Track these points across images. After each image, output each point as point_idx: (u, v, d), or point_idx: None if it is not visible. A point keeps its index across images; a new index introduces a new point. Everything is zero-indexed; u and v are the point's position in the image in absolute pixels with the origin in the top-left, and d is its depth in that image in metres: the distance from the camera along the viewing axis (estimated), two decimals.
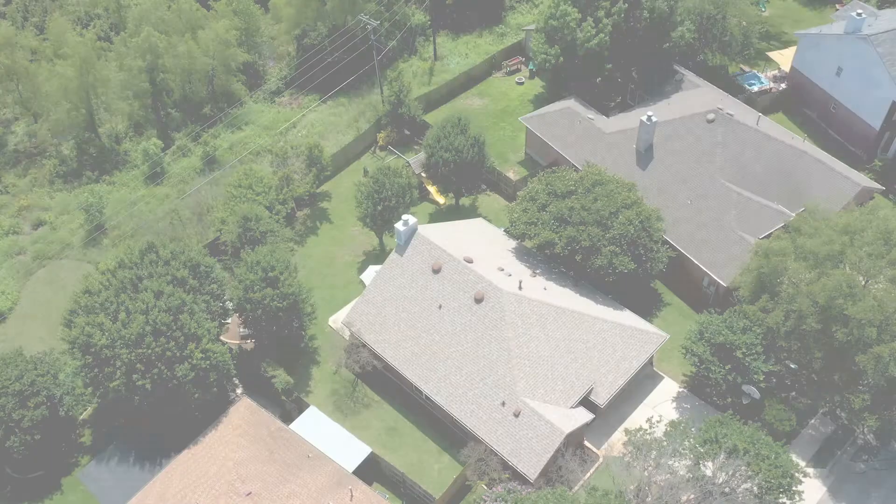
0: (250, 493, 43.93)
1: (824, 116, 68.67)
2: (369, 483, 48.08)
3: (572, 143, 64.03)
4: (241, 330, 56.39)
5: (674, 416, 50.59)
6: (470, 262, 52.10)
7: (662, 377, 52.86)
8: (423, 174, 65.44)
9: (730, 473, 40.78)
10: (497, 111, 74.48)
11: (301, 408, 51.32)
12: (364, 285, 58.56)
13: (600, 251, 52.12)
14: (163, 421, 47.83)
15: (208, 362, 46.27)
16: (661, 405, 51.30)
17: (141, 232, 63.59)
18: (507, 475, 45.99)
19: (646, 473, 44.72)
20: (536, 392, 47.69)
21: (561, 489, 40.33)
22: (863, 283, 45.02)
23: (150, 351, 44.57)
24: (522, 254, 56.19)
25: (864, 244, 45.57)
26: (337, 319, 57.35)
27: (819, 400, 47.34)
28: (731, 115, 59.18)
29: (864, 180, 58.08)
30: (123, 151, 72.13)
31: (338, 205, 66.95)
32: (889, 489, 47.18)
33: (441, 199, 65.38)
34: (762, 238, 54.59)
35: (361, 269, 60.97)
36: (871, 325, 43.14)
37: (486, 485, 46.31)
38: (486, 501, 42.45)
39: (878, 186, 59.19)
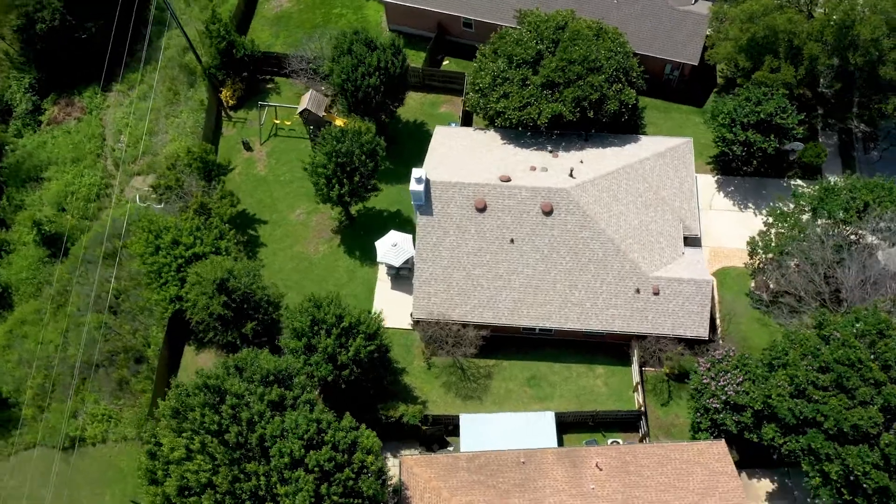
0: None
1: None
2: (560, 441, 45.01)
3: None
4: None
5: (729, 204, 52.19)
6: (507, 180, 46.02)
7: (695, 176, 53.24)
8: (325, 113, 54.26)
9: (876, 224, 43.62)
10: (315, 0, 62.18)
11: (446, 424, 44.90)
12: (383, 265, 49.88)
13: (607, 96, 48.51)
14: None
15: (381, 460, 37.72)
16: (715, 199, 52.38)
17: (60, 376, 47.03)
18: (682, 346, 45.36)
19: (772, 266, 46.73)
20: (654, 261, 45.94)
21: (804, 333, 40.08)
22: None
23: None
24: (517, 139, 50.58)
25: None
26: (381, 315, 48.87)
27: (843, 120, 51.08)
28: None
29: None
30: None
31: (250, 197, 54.01)
32: None
33: None
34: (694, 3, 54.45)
35: (349, 252, 51.37)
36: (885, 38, 46.19)
37: (669, 371, 45.56)
38: (708, 382, 41.36)
39: None
